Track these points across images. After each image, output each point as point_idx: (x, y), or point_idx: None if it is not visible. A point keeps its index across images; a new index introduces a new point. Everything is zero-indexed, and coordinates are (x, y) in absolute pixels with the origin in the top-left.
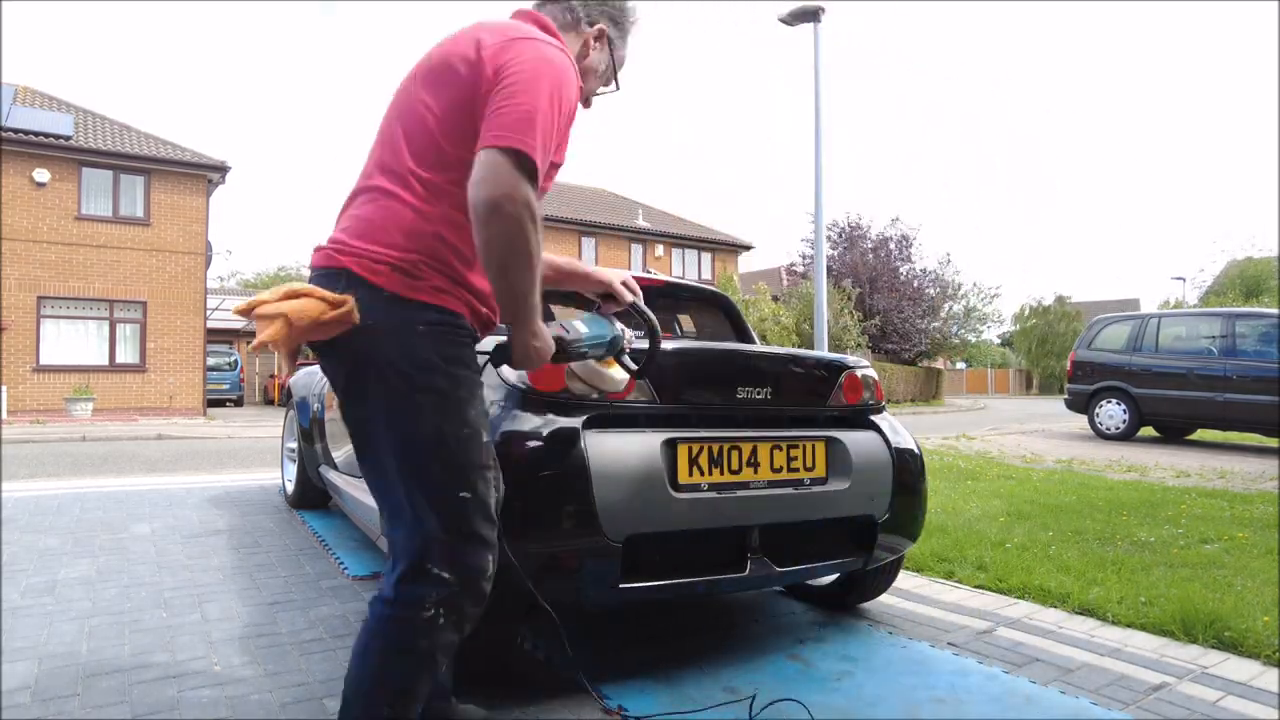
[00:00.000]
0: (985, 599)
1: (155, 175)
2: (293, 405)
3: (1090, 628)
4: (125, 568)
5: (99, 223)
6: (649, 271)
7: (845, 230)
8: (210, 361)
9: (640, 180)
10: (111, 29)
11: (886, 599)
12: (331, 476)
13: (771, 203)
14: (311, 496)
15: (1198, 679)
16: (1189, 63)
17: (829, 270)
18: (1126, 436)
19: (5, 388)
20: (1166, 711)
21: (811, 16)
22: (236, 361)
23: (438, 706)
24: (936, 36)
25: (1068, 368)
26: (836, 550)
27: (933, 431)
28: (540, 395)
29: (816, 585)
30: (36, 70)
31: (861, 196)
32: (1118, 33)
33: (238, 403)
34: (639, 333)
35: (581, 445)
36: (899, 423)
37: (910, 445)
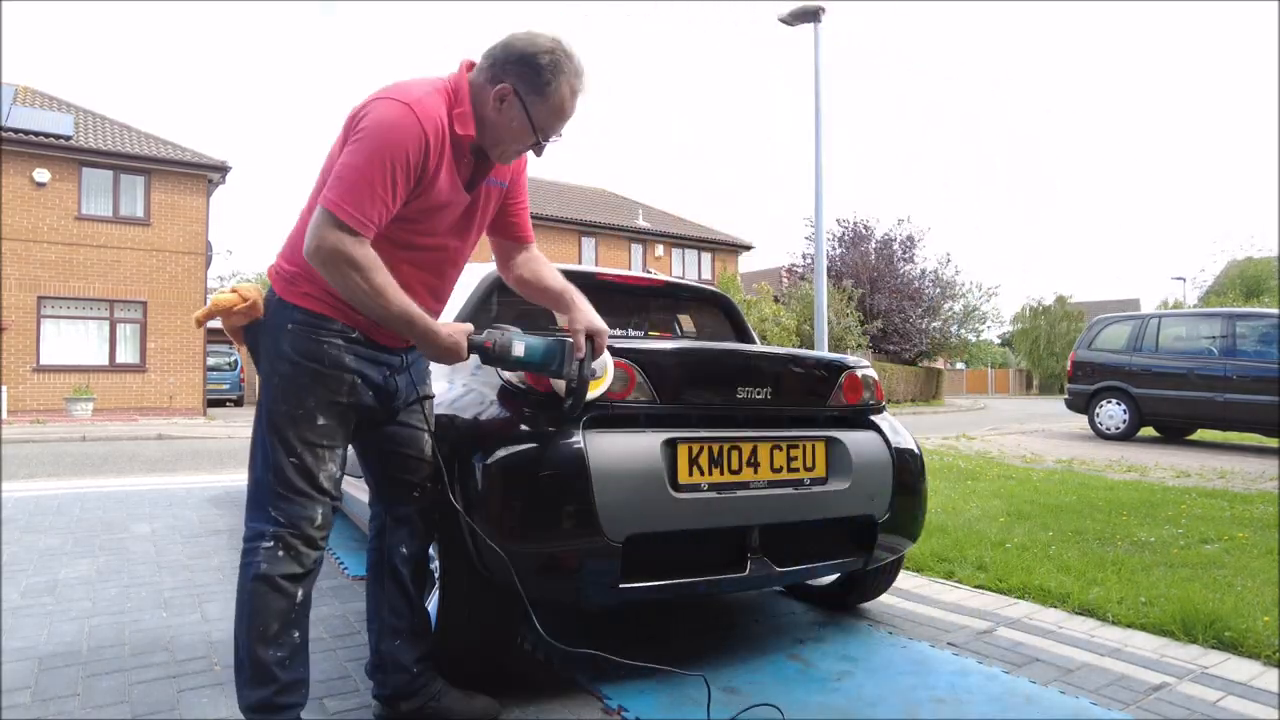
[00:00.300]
0: (985, 599)
1: (155, 175)
2: None
3: (1090, 628)
4: (125, 568)
5: (99, 223)
6: (649, 271)
7: (850, 230)
8: (210, 361)
9: (640, 180)
10: (111, 29)
11: (886, 599)
12: None
13: (771, 203)
14: None
15: (1198, 679)
16: (1189, 63)
17: (830, 271)
18: (1127, 436)
19: (5, 388)
20: (1166, 711)
21: (811, 16)
22: (236, 361)
23: (437, 700)
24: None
25: (1068, 368)
26: (836, 550)
27: (933, 431)
28: (541, 396)
29: (816, 585)
30: (36, 70)
31: (862, 196)
32: (1118, 33)
33: (238, 403)
34: (596, 375)
35: (581, 445)
36: (899, 423)
37: (910, 445)
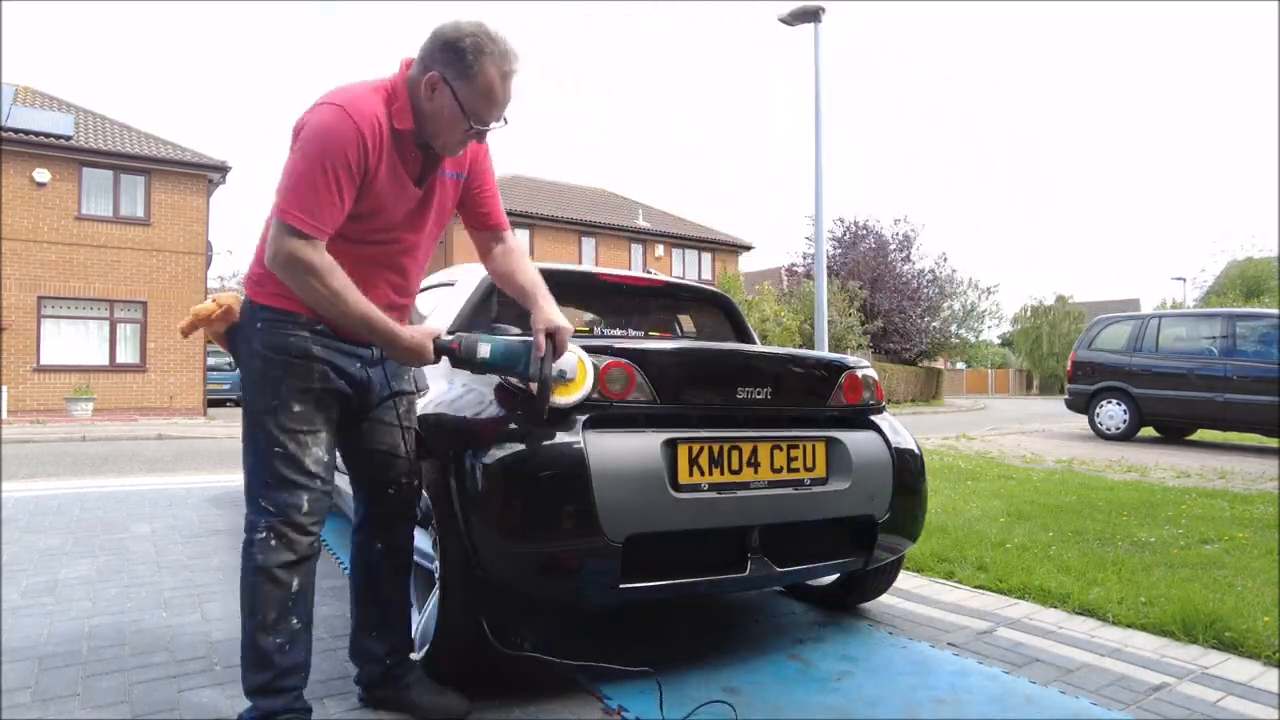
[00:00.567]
0: (985, 599)
1: (156, 175)
2: None
3: (1090, 628)
4: (125, 568)
5: (99, 223)
6: (649, 272)
7: (850, 230)
8: (210, 361)
9: (640, 180)
10: (111, 29)
11: (886, 599)
12: None
13: (771, 203)
14: None
15: (1198, 679)
16: (1189, 63)
17: (831, 270)
18: (1127, 437)
19: (5, 388)
20: (1166, 712)
21: (811, 17)
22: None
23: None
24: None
25: (1068, 368)
26: (837, 550)
27: (933, 431)
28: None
29: (816, 585)
30: (36, 70)
31: (862, 196)
32: (1118, 33)
33: (238, 403)
34: (560, 373)
35: (582, 445)
36: (899, 423)
37: (910, 445)
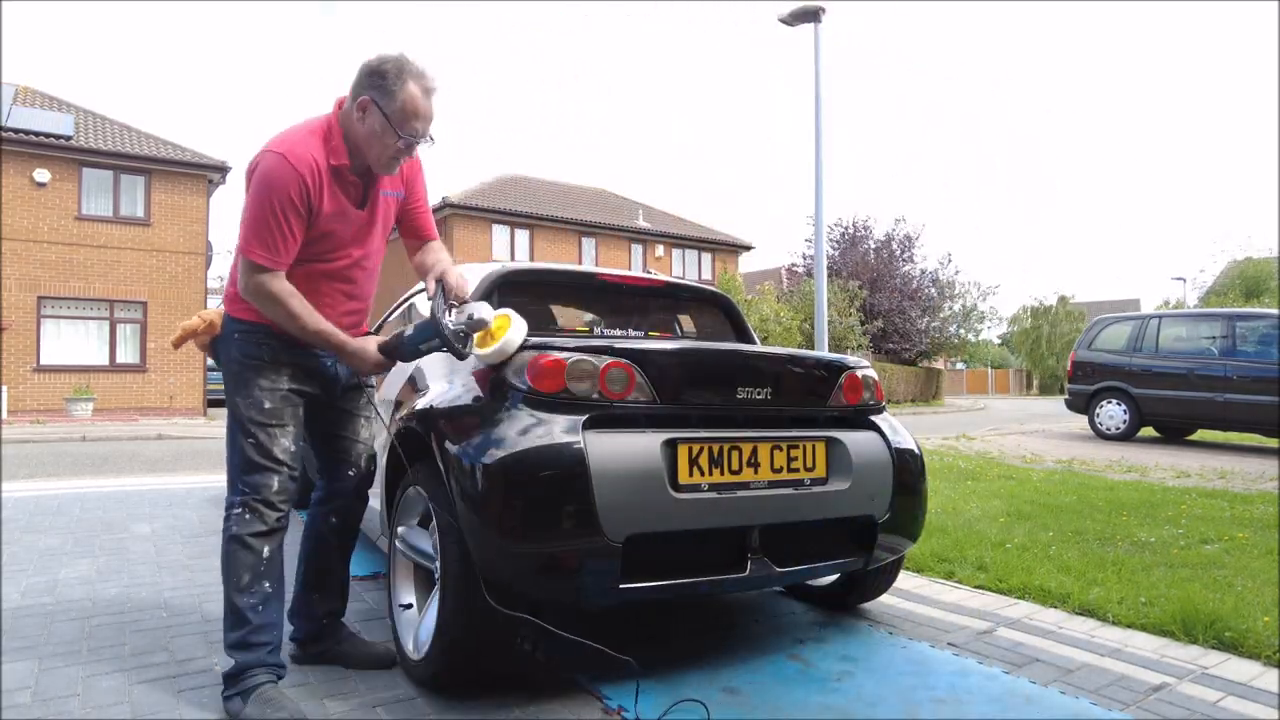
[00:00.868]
0: (985, 599)
1: (156, 175)
2: None
3: (1090, 628)
4: (125, 568)
5: (99, 223)
6: (649, 272)
7: (849, 230)
8: (210, 362)
9: (640, 180)
10: (111, 29)
11: (886, 599)
12: None
13: (771, 203)
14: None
15: (1198, 679)
16: (1189, 63)
17: (831, 270)
18: (1127, 437)
19: (5, 388)
20: (1166, 712)
21: (812, 17)
22: None
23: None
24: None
25: (1068, 368)
26: (837, 550)
27: (933, 432)
28: (540, 396)
29: (816, 585)
30: (36, 70)
31: (862, 196)
32: (1118, 33)
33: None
34: (470, 317)
35: (581, 445)
36: (899, 423)
37: (910, 445)
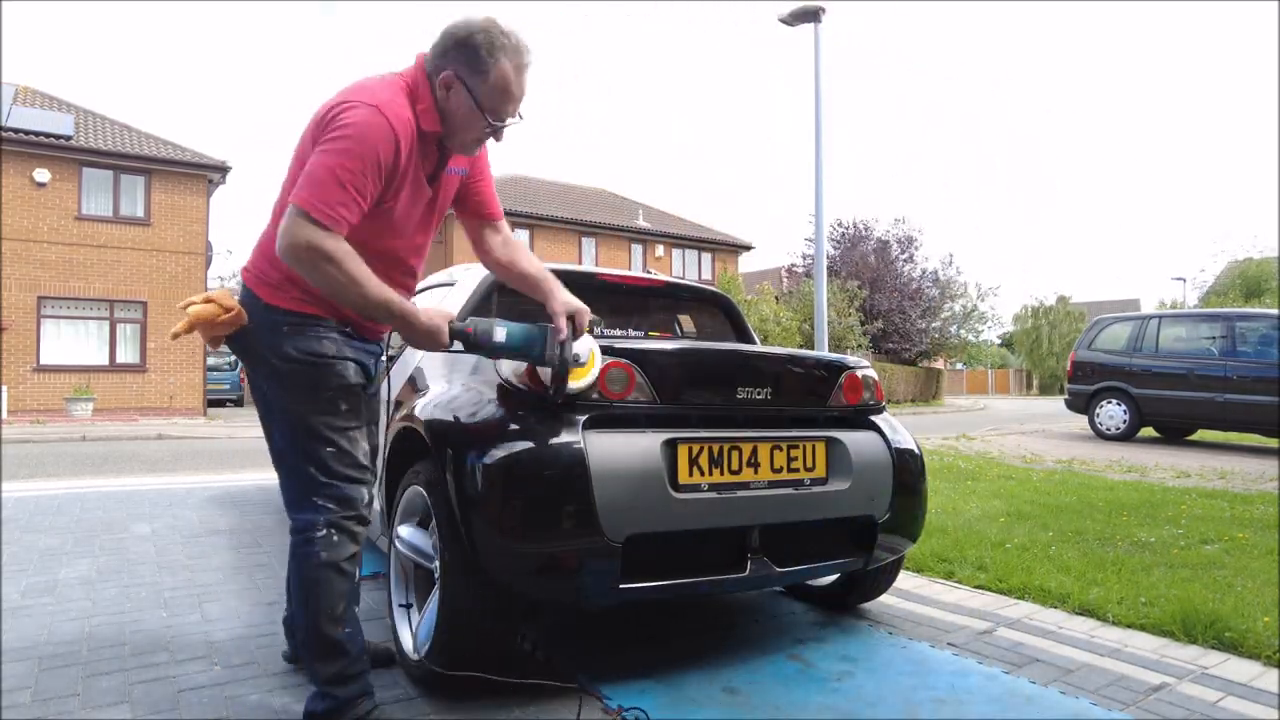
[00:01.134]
0: (985, 599)
1: (155, 175)
2: None
3: (1090, 628)
4: (125, 568)
5: (99, 223)
6: (649, 272)
7: (849, 231)
8: (210, 361)
9: (640, 180)
10: (111, 29)
11: (886, 599)
12: None
13: (771, 203)
14: None
15: (1198, 679)
16: (1189, 63)
17: (831, 270)
18: (1127, 437)
19: (5, 388)
20: (1166, 712)
21: (812, 17)
22: (236, 361)
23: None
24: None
25: (1068, 368)
26: (837, 550)
27: (933, 432)
28: (540, 396)
29: (816, 585)
30: (36, 70)
31: (862, 196)
32: (1118, 33)
33: (238, 403)
34: (575, 356)
35: (581, 445)
36: (899, 423)
37: (910, 445)
